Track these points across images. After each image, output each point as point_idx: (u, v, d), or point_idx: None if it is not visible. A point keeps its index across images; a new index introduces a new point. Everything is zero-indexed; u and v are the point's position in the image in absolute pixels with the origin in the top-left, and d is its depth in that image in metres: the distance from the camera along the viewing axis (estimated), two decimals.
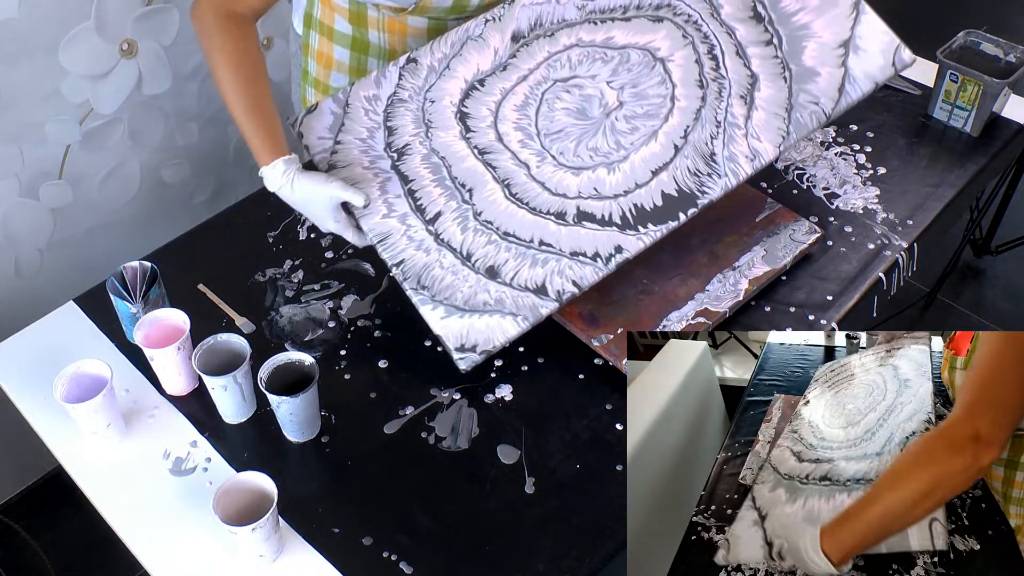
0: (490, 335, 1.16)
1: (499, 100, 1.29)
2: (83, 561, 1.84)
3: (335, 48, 1.49)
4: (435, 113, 1.28)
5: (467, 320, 1.16)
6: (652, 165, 1.25)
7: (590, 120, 1.27)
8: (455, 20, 1.45)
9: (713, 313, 1.25)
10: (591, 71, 1.30)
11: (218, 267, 1.37)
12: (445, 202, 1.23)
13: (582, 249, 1.20)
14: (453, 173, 1.24)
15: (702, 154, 1.25)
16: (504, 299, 1.17)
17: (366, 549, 1.06)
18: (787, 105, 1.29)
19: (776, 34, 1.34)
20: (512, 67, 1.31)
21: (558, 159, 1.25)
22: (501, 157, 1.26)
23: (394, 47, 1.47)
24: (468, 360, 1.15)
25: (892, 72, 1.33)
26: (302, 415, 1.13)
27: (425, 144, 1.26)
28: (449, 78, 1.30)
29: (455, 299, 1.17)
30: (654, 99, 1.29)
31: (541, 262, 1.19)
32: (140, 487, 1.13)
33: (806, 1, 1.36)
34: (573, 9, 1.35)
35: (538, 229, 1.21)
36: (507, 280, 1.18)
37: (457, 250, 1.20)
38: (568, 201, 1.23)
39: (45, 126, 1.58)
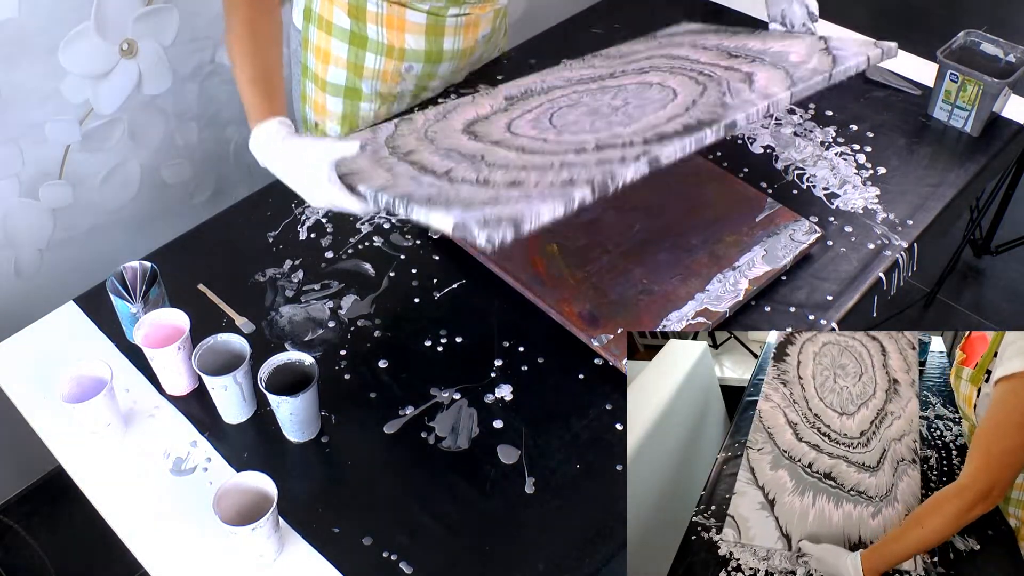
0: (519, 212, 0.97)
1: (508, 122, 1.25)
2: (83, 561, 1.84)
3: (333, 42, 1.49)
4: (439, 136, 1.24)
5: (490, 208, 1.00)
6: (668, 117, 1.19)
7: (601, 115, 1.24)
8: (454, 17, 1.45)
9: (713, 313, 1.25)
10: (594, 98, 1.30)
11: (218, 267, 1.37)
12: (456, 164, 1.13)
13: (607, 159, 1.08)
14: (463, 152, 1.17)
15: (714, 105, 1.21)
16: (531, 194, 1.02)
17: (366, 549, 1.06)
18: (787, 75, 1.29)
19: (757, 57, 1.38)
20: (514, 109, 1.29)
21: (575, 132, 1.18)
22: (519, 140, 1.19)
23: (392, 43, 1.47)
24: (493, 231, 0.95)
25: (879, 53, 1.36)
26: (302, 415, 1.13)
27: (432, 148, 1.21)
28: (448, 120, 1.28)
29: (475, 200, 1.03)
30: (657, 97, 1.28)
31: (566, 168, 1.07)
32: (140, 487, 1.13)
33: (772, 42, 1.43)
34: (560, 81, 1.38)
35: (557, 158, 1.10)
36: (532, 184, 1.04)
37: (473, 179, 1.08)
38: (586, 143, 1.13)
39: (45, 126, 1.58)
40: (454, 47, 1.51)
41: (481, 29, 1.53)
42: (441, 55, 1.51)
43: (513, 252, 1.33)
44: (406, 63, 1.51)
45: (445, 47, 1.50)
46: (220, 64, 1.80)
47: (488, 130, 1.24)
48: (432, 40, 1.48)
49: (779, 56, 1.38)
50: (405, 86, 1.57)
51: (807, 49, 1.39)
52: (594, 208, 1.39)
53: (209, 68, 1.78)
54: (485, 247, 0.96)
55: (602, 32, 1.88)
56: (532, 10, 2.44)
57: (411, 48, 1.48)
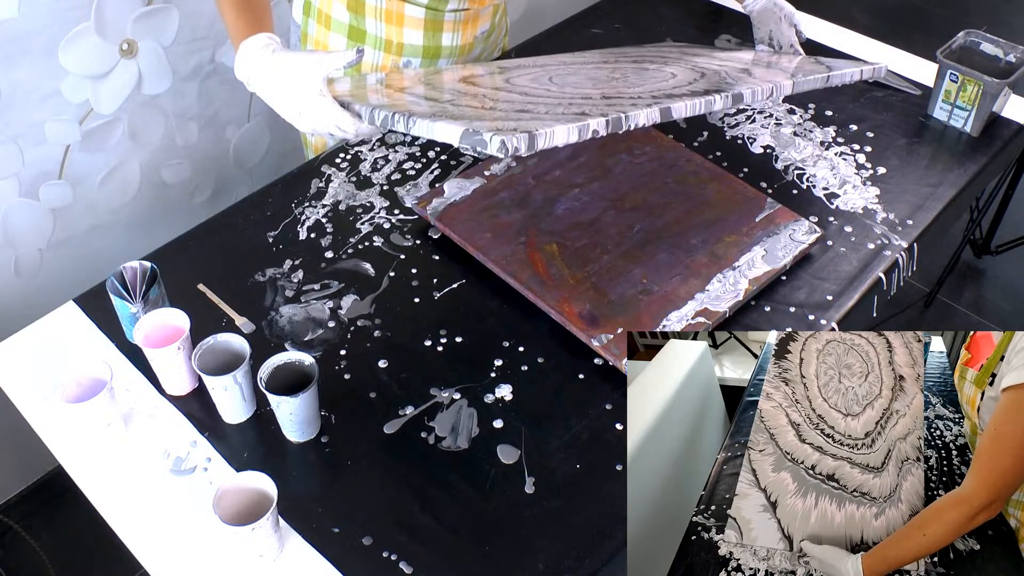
0: (534, 127, 0.91)
1: (506, 79, 1.21)
2: (83, 561, 1.84)
3: (331, 36, 1.49)
4: (435, 81, 1.19)
5: (502, 121, 0.94)
6: (673, 85, 1.16)
7: (601, 80, 1.21)
8: (452, 12, 1.45)
9: (713, 313, 1.25)
10: (593, 71, 1.31)
11: (218, 267, 1.37)
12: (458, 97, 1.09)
13: (617, 103, 1.02)
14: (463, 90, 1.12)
15: (719, 81, 1.21)
16: (543, 117, 0.96)
17: (366, 549, 1.06)
18: (788, 70, 1.31)
19: (749, 65, 1.39)
20: (508, 72, 1.28)
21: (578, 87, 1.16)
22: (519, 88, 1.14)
23: (390, 38, 1.47)
24: (508, 139, 0.89)
25: (871, 69, 1.38)
26: (302, 415, 1.13)
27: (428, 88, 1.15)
28: (442, 76, 1.26)
29: (484, 117, 0.97)
30: (657, 76, 1.26)
31: (577, 105, 1.01)
32: (140, 487, 1.13)
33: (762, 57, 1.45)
34: (554, 61, 1.37)
35: (565, 99, 1.06)
36: (542, 113, 0.98)
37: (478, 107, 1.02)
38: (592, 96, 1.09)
39: (45, 126, 1.58)
40: (453, 43, 1.51)
41: (480, 25, 1.53)
42: (440, 51, 1.51)
43: (513, 252, 1.33)
44: (404, 58, 1.51)
45: (444, 43, 1.50)
46: (220, 64, 1.80)
47: (486, 82, 1.20)
48: (430, 35, 1.48)
49: (772, 66, 1.39)
50: None
51: (798, 63, 1.40)
52: (594, 208, 1.40)
53: (209, 68, 1.78)
54: (498, 154, 0.89)
55: (602, 32, 1.88)
56: (532, 10, 2.45)
57: (409, 43, 1.48)
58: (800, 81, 1.24)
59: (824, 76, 1.28)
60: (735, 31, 1.85)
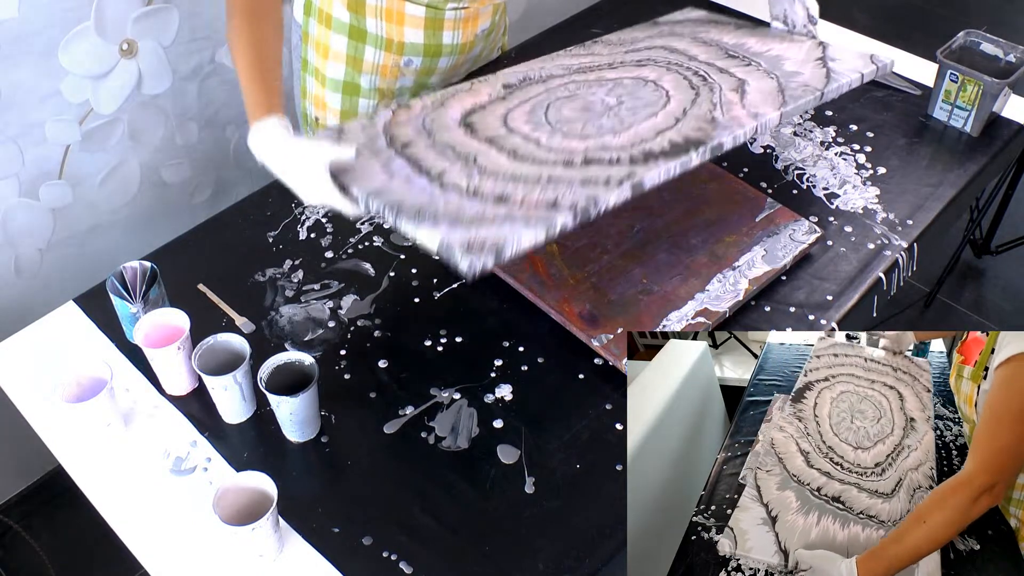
0: (501, 237, 1.01)
1: (505, 112, 1.27)
2: (83, 561, 1.84)
3: (332, 36, 1.49)
4: (436, 125, 1.26)
5: (474, 229, 1.04)
6: (657, 129, 1.21)
7: (594, 112, 1.27)
8: (452, 11, 1.45)
9: (713, 313, 1.25)
10: (590, 91, 1.33)
11: (218, 267, 1.37)
12: (450, 165, 1.16)
13: (593, 178, 1.11)
14: (458, 150, 1.20)
15: (704, 119, 1.23)
16: (515, 215, 1.06)
17: (366, 549, 1.06)
18: (779, 89, 1.31)
19: (754, 61, 1.41)
20: (512, 98, 1.31)
21: (567, 134, 1.22)
22: (512, 138, 1.22)
23: (391, 36, 1.47)
24: (475, 259, 0.99)
25: (874, 68, 1.38)
26: (302, 415, 1.13)
27: (428, 141, 1.23)
28: (446, 108, 1.29)
29: (462, 216, 1.06)
30: (649, 98, 1.30)
31: (552, 187, 1.10)
32: (140, 487, 1.13)
33: (771, 43, 1.45)
34: (559, 70, 1.40)
35: (545, 171, 1.14)
36: (518, 201, 1.08)
37: (463, 189, 1.11)
38: (575, 154, 1.17)
39: (45, 126, 1.58)
40: (453, 41, 1.51)
41: (480, 23, 1.53)
42: (440, 49, 1.51)
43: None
44: (405, 57, 1.51)
45: (444, 41, 1.50)
46: (220, 64, 1.80)
47: (484, 122, 1.25)
48: (431, 34, 1.48)
49: (775, 62, 1.39)
50: (404, 82, 1.57)
51: (804, 55, 1.40)
52: None
53: (209, 68, 1.78)
54: (466, 274, 1.00)
55: (602, 32, 1.88)
56: (532, 10, 2.44)
57: (410, 42, 1.48)
58: (789, 110, 1.27)
59: (816, 96, 1.31)
60: None
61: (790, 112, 1.27)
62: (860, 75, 1.35)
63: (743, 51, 1.44)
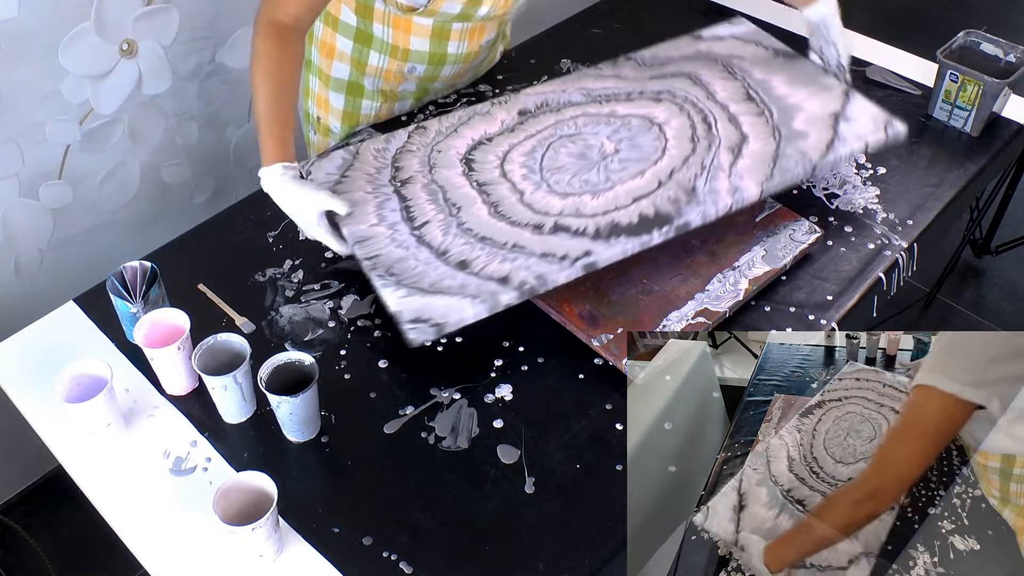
0: (446, 312, 1.15)
1: (507, 150, 1.38)
2: (83, 561, 1.84)
3: (338, 38, 1.50)
4: (440, 158, 1.38)
5: (427, 299, 1.17)
6: (634, 194, 1.30)
7: (588, 160, 1.36)
8: (460, 23, 1.46)
9: (713, 313, 1.25)
10: (595, 130, 1.41)
11: (218, 267, 1.37)
12: (434, 214, 1.29)
13: (552, 251, 1.22)
14: (448, 196, 1.31)
15: (684, 188, 1.30)
16: (468, 285, 1.19)
17: (366, 549, 1.06)
18: (774, 156, 1.34)
19: (768, 109, 1.43)
20: (520, 130, 1.42)
21: (552, 187, 1.31)
22: (500, 188, 1.32)
23: (396, 43, 1.47)
24: (419, 332, 1.14)
25: (883, 138, 1.39)
26: (302, 415, 1.13)
27: (427, 177, 1.35)
28: (456, 137, 1.42)
29: (421, 283, 1.19)
30: (647, 148, 1.37)
31: (511, 259, 1.22)
32: (140, 487, 1.13)
33: (796, 88, 1.47)
34: (578, 95, 1.48)
35: (514, 235, 1.25)
36: (475, 271, 1.20)
37: (435, 248, 1.24)
38: (548, 217, 1.27)
39: (45, 126, 1.58)
40: (458, 51, 1.51)
41: (486, 35, 1.53)
42: (445, 58, 1.52)
43: None
44: (409, 64, 1.51)
45: (449, 50, 1.50)
46: (220, 64, 1.80)
47: (484, 160, 1.37)
48: (437, 43, 1.48)
49: (789, 114, 1.41)
50: (407, 86, 1.57)
51: (821, 108, 1.42)
52: None
53: (209, 68, 1.78)
54: (410, 343, 1.14)
55: (602, 32, 1.88)
56: (532, 10, 2.44)
57: (415, 49, 1.48)
58: (772, 186, 1.30)
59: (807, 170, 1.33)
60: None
61: (772, 188, 1.30)
62: (864, 144, 1.37)
63: (764, 92, 1.46)
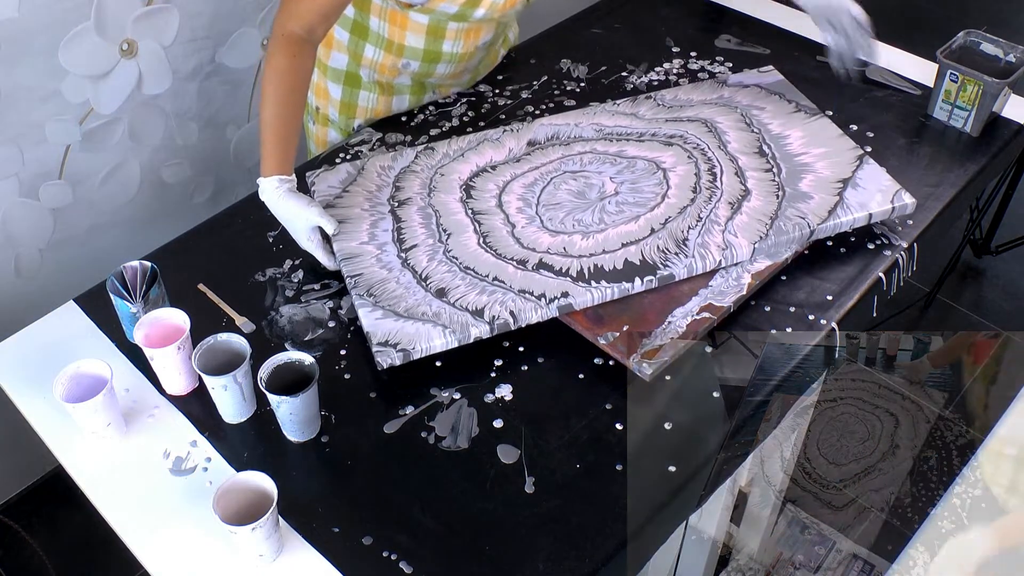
0: (415, 339, 1.19)
1: (508, 180, 1.40)
2: (83, 561, 1.84)
3: (336, 28, 1.51)
4: (441, 182, 1.40)
5: (399, 323, 1.21)
6: (624, 239, 1.31)
7: (585, 200, 1.37)
8: (456, 24, 1.46)
9: (717, 308, 1.26)
10: (599, 169, 1.42)
11: (218, 267, 1.37)
12: (424, 239, 1.32)
13: (530, 289, 1.24)
14: (440, 222, 1.34)
15: (675, 238, 1.31)
16: (442, 314, 1.22)
17: (366, 549, 1.06)
18: (772, 215, 1.34)
19: (777, 165, 1.43)
20: (525, 161, 1.44)
21: (544, 223, 1.33)
22: (493, 218, 1.34)
23: (392, 38, 1.48)
24: (386, 355, 1.18)
25: (889, 209, 1.37)
26: (302, 415, 1.13)
27: (425, 200, 1.38)
28: (462, 162, 1.45)
29: (397, 307, 1.23)
30: (647, 193, 1.38)
31: (488, 292, 1.24)
32: (140, 487, 1.13)
33: (810, 148, 1.46)
34: (591, 130, 1.50)
35: (497, 269, 1.27)
36: (451, 300, 1.24)
37: (418, 273, 1.27)
38: (534, 253, 1.29)
39: (45, 126, 1.58)
40: (453, 50, 1.51)
41: (482, 36, 1.53)
42: (439, 56, 1.52)
43: None
44: (404, 59, 1.51)
45: (444, 49, 1.50)
46: (220, 64, 1.80)
47: (484, 188, 1.40)
48: (431, 40, 1.48)
49: (798, 173, 1.41)
50: (403, 80, 1.57)
51: (832, 172, 1.41)
52: None
53: (209, 68, 1.78)
54: (377, 365, 1.17)
55: (602, 32, 1.88)
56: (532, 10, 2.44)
57: (410, 45, 1.49)
58: (764, 247, 1.30)
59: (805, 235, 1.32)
60: (735, 31, 1.85)
61: (763, 249, 1.30)
62: (868, 215, 1.35)
63: (778, 148, 1.46)
